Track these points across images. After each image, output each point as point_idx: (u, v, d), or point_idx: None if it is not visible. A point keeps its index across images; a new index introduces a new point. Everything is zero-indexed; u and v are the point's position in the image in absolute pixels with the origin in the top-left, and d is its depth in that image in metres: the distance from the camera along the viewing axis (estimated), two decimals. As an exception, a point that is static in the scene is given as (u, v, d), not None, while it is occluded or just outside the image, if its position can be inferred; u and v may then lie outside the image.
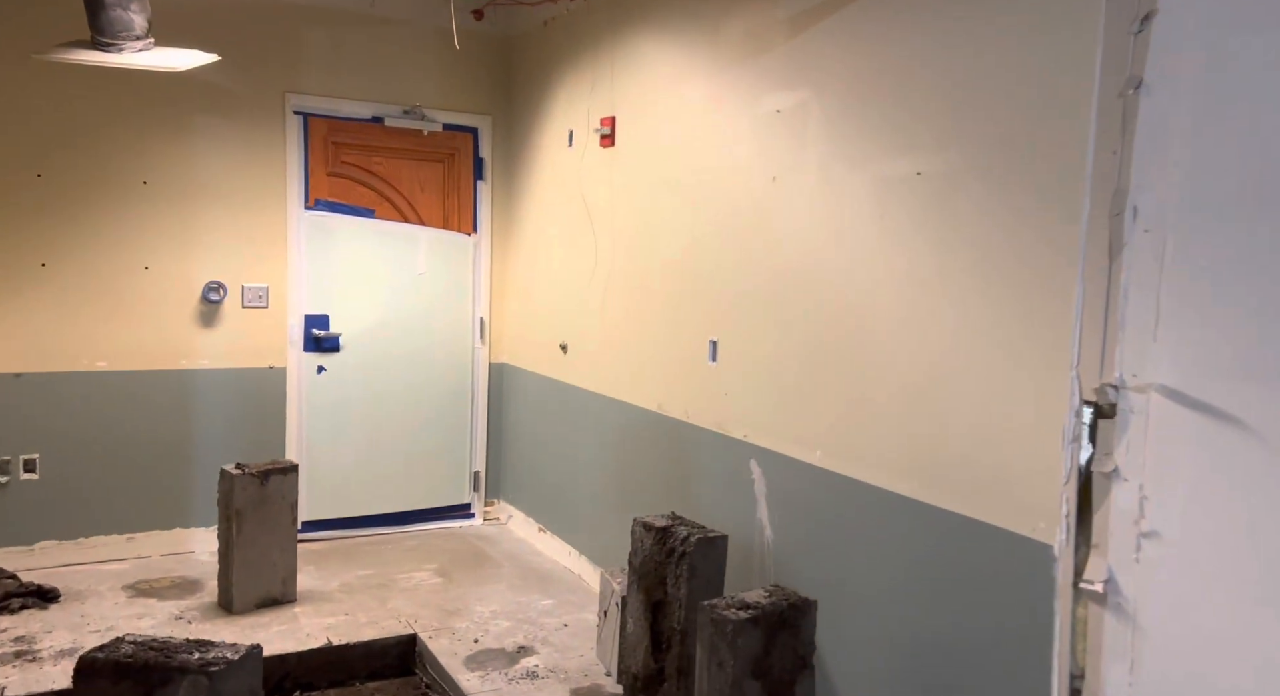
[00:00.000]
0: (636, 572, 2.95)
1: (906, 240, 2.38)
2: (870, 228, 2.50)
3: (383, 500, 4.76)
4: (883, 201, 2.46)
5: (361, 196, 4.66)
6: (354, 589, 3.97)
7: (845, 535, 2.58)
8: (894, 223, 2.42)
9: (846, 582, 2.56)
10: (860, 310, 2.53)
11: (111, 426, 4.22)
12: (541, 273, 4.57)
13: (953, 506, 2.22)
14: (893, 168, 2.43)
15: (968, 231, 2.20)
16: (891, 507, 2.41)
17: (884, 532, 2.43)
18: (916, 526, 2.32)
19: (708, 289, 3.23)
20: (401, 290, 4.74)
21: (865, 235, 2.52)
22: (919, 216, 2.34)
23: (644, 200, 3.65)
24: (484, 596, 3.92)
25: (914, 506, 2.33)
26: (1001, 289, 2.11)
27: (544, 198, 4.55)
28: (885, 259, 2.45)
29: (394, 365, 4.74)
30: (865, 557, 2.49)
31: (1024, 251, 2.06)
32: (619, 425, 3.83)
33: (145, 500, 4.30)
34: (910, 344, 2.36)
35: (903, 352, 2.38)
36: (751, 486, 2.99)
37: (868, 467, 2.50)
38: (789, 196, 2.83)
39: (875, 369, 2.47)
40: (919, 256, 2.34)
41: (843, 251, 2.60)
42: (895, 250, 2.42)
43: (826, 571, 2.64)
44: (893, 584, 2.40)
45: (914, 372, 2.35)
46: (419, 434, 4.83)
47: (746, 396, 3.03)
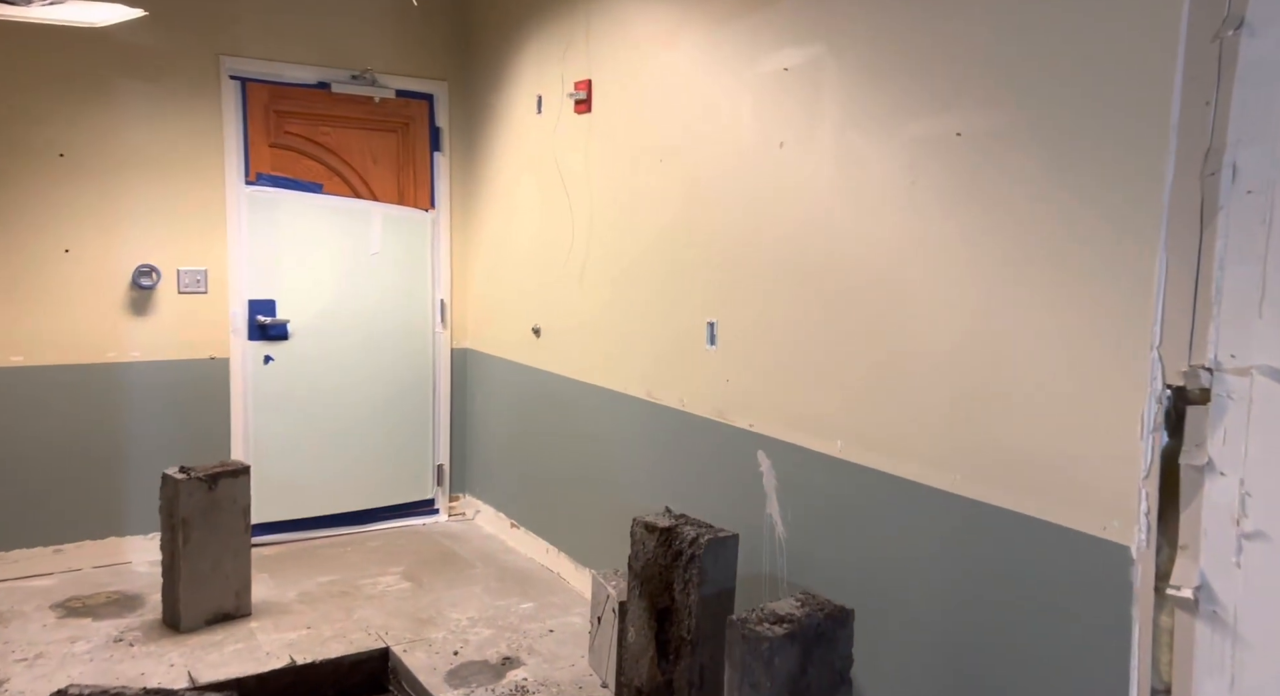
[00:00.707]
0: (638, 577, 2.70)
1: (944, 208, 2.16)
2: (899, 196, 2.27)
3: (340, 498, 4.43)
4: (914, 166, 2.23)
5: (308, 170, 4.28)
6: (315, 598, 3.65)
7: (875, 534, 2.36)
8: (928, 190, 2.19)
9: (878, 586, 2.35)
10: (889, 287, 2.31)
11: (31, 427, 3.80)
12: (509, 251, 4.26)
13: (1006, 502, 2.02)
14: (926, 128, 2.19)
15: (1020, 197, 1.98)
16: (931, 504, 2.19)
17: (923, 531, 2.22)
18: (962, 524, 2.12)
19: (704, 267, 2.97)
20: (354, 272, 4.38)
21: (893, 204, 2.29)
22: (959, 182, 2.12)
23: (627, 171, 3.37)
24: (459, 601, 3.63)
25: (959, 502, 2.12)
26: (1063, 261, 1.90)
27: (510, 170, 4.22)
28: (919, 230, 2.22)
29: (348, 353, 4.39)
30: (901, 559, 2.28)
31: (1091, 219, 1.84)
32: (601, 414, 3.57)
33: (73, 507, 3.90)
34: (952, 324, 2.14)
35: (943, 333, 2.16)
36: (759, 479, 2.76)
37: (900, 460, 2.28)
38: (800, 164, 2.58)
39: (909, 352, 2.25)
40: (960, 226, 2.12)
41: (866, 223, 2.37)
42: (930, 220, 2.19)
43: (853, 573, 2.43)
44: (934, 588, 2.19)
45: (957, 355, 2.13)
46: (377, 426, 4.49)
47: (752, 383, 2.79)
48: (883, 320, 2.33)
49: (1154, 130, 1.72)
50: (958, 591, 2.13)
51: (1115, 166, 1.79)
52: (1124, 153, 1.78)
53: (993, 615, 2.05)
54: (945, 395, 2.16)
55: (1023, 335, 1.98)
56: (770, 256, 2.70)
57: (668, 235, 3.15)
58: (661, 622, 2.63)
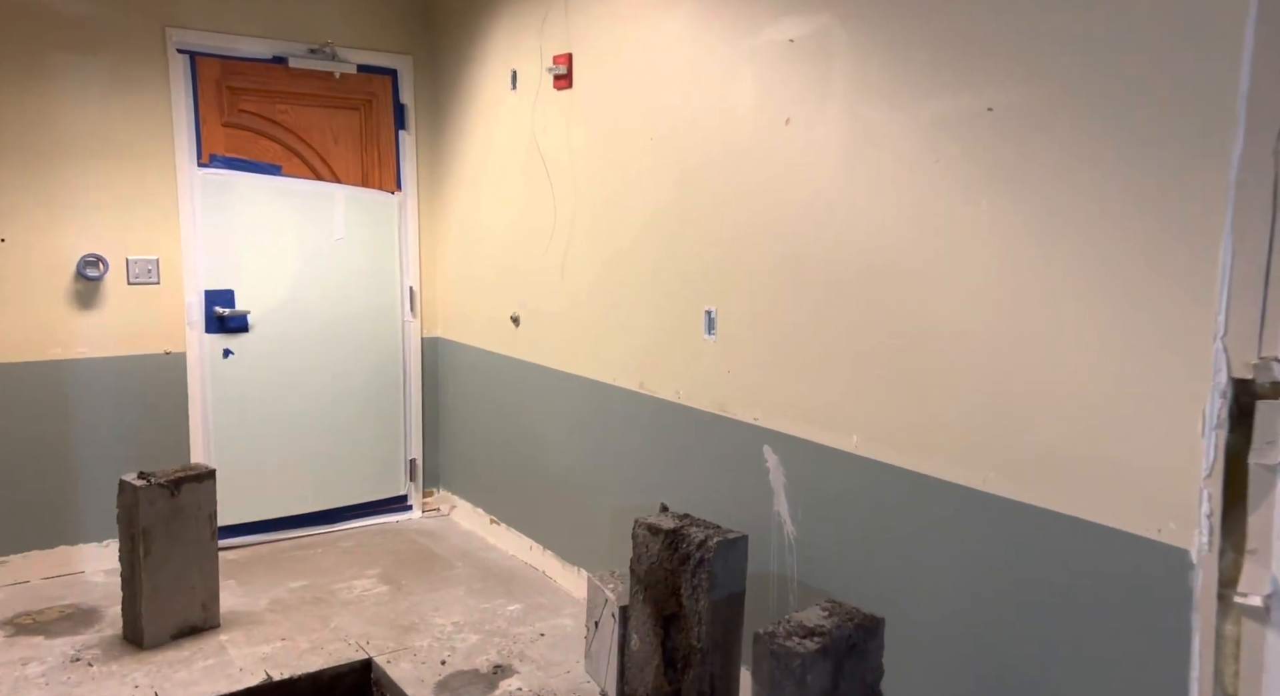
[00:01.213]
0: (642, 582, 2.56)
1: (972, 190, 2.02)
2: (921, 176, 2.13)
3: (308, 497, 4.21)
4: (938, 144, 2.09)
5: (265, 151, 4.01)
6: (287, 606, 3.44)
7: (897, 534, 2.24)
8: (954, 169, 2.06)
9: (901, 590, 2.23)
10: (910, 273, 2.17)
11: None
12: (483, 235, 4.05)
13: (1045, 502, 1.90)
14: (952, 103, 2.05)
15: (1061, 176, 1.85)
16: (960, 503, 2.08)
17: (950, 532, 2.10)
18: (994, 525, 2.00)
19: (702, 252, 2.81)
20: (317, 258, 4.14)
21: (914, 185, 2.15)
22: (990, 160, 1.98)
23: (614, 151, 3.18)
24: (441, 605, 3.46)
25: (991, 502, 2.01)
26: (1111, 244, 1.78)
27: (482, 149, 4.01)
28: (943, 212, 2.09)
29: (312, 344, 4.15)
30: (926, 561, 2.17)
31: (1144, 199, 1.72)
32: (588, 406, 3.40)
33: (19, 515, 3.63)
34: (982, 312, 2.01)
35: (971, 322, 2.03)
36: (766, 476, 2.63)
37: (924, 456, 2.16)
38: (808, 142, 2.42)
39: (933, 342, 2.12)
40: (990, 208, 1.99)
41: (884, 205, 2.23)
42: (956, 202, 2.06)
43: (873, 575, 2.31)
44: (964, 592, 2.08)
45: (988, 345, 2.00)
46: (345, 420, 4.27)
47: (756, 374, 2.65)
48: (903, 308, 2.19)
49: (1219, 100, 1.59)
50: (991, 596, 2.02)
51: (1173, 141, 1.67)
52: (1183, 125, 1.65)
53: (1030, 622, 1.94)
54: (975, 387, 2.04)
55: (1065, 323, 1.86)
56: (776, 240, 2.55)
57: (660, 218, 2.98)
58: (668, 629, 2.49)
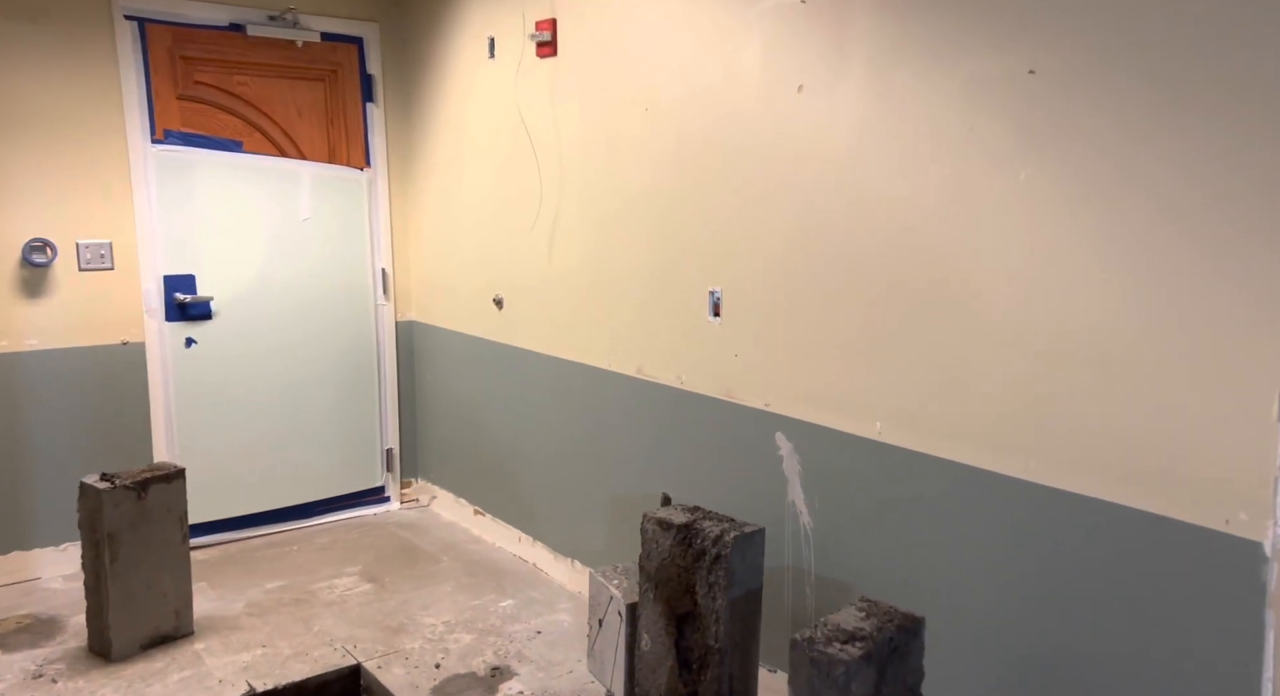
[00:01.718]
0: (652, 579, 2.42)
1: (1010, 159, 1.89)
2: (952, 144, 1.99)
3: (280, 492, 4.00)
4: (971, 110, 1.95)
5: (224, 125, 3.76)
6: (265, 608, 3.25)
7: (926, 525, 2.13)
8: (989, 138, 1.92)
9: (934, 586, 2.12)
10: (942, 250, 2.04)
11: (-87, 433, 3.26)
12: (461, 213, 3.85)
13: (1095, 491, 1.80)
14: (988, 66, 1.91)
15: (1116, 143, 1.72)
16: (998, 493, 1.97)
17: (988, 523, 1.99)
18: (1038, 516, 1.89)
19: (704, 231, 2.66)
20: (283, 240, 3.90)
21: (944, 155, 2.01)
22: (1031, 128, 1.85)
23: (604, 124, 3.00)
24: (429, 603, 3.30)
25: (1034, 492, 1.90)
26: (1169, 216, 1.66)
27: (459, 123, 3.79)
28: (978, 184, 1.95)
29: (280, 331, 3.93)
30: (962, 556, 2.06)
31: (1209, 165, 1.60)
32: (581, 393, 3.24)
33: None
34: (1021, 289, 1.89)
35: (1014, 300, 1.91)
36: (779, 464, 2.50)
37: (957, 443, 2.04)
38: (823, 111, 2.27)
39: (968, 322, 2.00)
40: (1032, 179, 1.86)
41: (910, 176, 2.09)
42: (993, 172, 1.92)
43: (900, 570, 2.20)
44: (1006, 589, 1.97)
45: (1029, 325, 1.88)
46: (317, 410, 4.06)
47: (767, 358, 2.51)
48: (932, 286, 2.06)
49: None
50: (1034, 592, 1.91)
51: (1251, 101, 1.55)
52: (1266, 83, 1.53)
53: (1080, 621, 1.84)
54: (1014, 369, 1.92)
55: (1118, 301, 1.74)
56: (787, 217, 2.40)
57: (657, 196, 2.81)
58: (681, 629, 2.36)
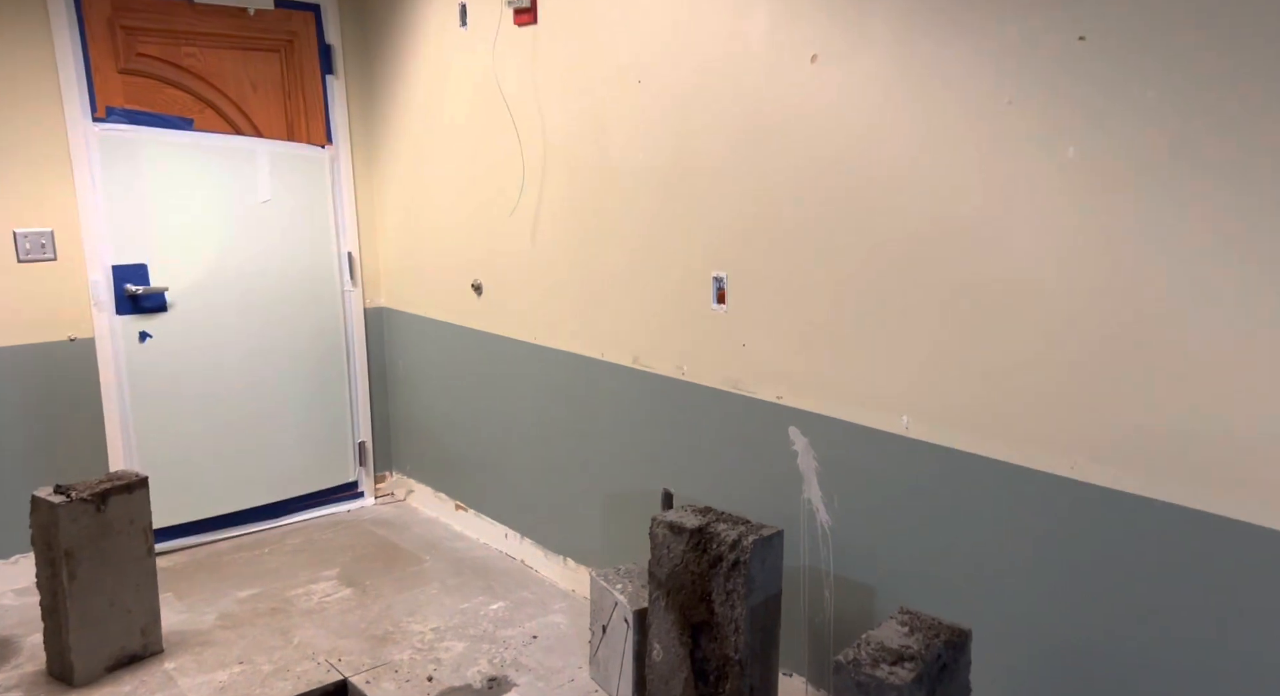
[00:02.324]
0: (663, 586, 2.28)
1: (1055, 135, 1.75)
2: (987, 118, 1.85)
3: (247, 492, 3.78)
4: (1010, 80, 1.81)
5: (173, 101, 3.48)
6: (239, 620, 3.06)
7: (960, 527, 2.01)
8: (1031, 110, 1.78)
9: (970, 592, 2.01)
10: (977, 230, 1.90)
11: None
12: (434, 193, 3.62)
13: (1153, 491, 1.69)
14: (1030, 30, 1.77)
15: (1173, 120, 1.59)
16: (1042, 492, 1.85)
17: (1031, 527, 1.88)
18: (1088, 518, 1.79)
19: (706, 212, 2.49)
20: (241, 224, 3.65)
21: (979, 129, 1.87)
22: (1079, 100, 1.71)
23: (592, 97, 2.81)
24: (415, 608, 3.13)
25: (1083, 491, 1.79)
26: (1237, 197, 1.53)
27: (428, 97, 3.56)
28: (1017, 158, 1.82)
29: (241, 321, 3.69)
30: (1000, 560, 1.94)
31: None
32: (571, 384, 3.07)
33: (-90, 536, 3.13)
34: (1067, 272, 1.76)
35: (1058, 286, 1.78)
36: (793, 460, 2.37)
37: (993, 439, 1.92)
38: (840, 82, 2.11)
39: (1008, 306, 1.87)
40: (1080, 156, 1.72)
41: (939, 152, 1.94)
42: (1033, 147, 1.79)
43: (930, 574, 2.09)
44: (1052, 597, 1.86)
45: (1080, 310, 1.76)
46: (284, 403, 3.84)
47: (778, 347, 2.37)
48: (966, 270, 1.93)
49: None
50: (1084, 600, 1.81)
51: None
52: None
53: (1139, 630, 1.74)
54: (1060, 361, 1.80)
55: (1176, 288, 1.62)
56: (800, 196, 2.24)
57: (652, 174, 2.64)
58: (696, 638, 2.23)
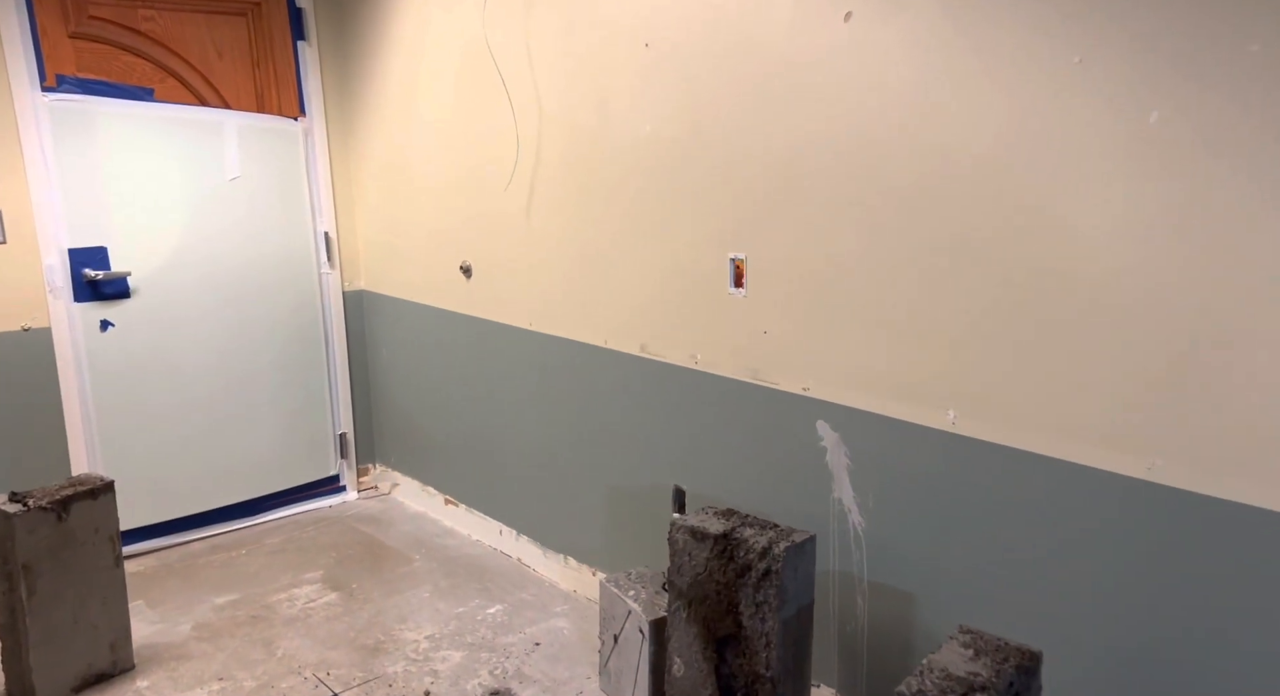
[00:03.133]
0: (685, 596, 2.10)
1: (1136, 98, 1.57)
2: (1052, 78, 1.66)
3: (221, 489, 3.55)
4: (1081, 36, 1.62)
5: (130, 70, 3.20)
6: (217, 630, 2.85)
7: (1016, 534, 1.85)
8: (1105, 70, 1.59)
9: (1029, 605, 1.85)
10: (1040, 206, 1.72)
11: None
12: (419, 167, 3.38)
13: (1251, 497, 1.53)
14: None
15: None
16: (1115, 496, 1.69)
17: (1102, 534, 1.72)
18: (1171, 526, 1.62)
19: (723, 187, 2.29)
20: (208, 203, 3.39)
21: (1042, 91, 1.68)
22: (1169, 57, 1.52)
23: (595, 60, 2.58)
24: (407, 613, 2.93)
25: (1164, 496, 1.62)
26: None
27: (411, 60, 3.31)
28: (1089, 128, 1.63)
29: (211, 307, 3.44)
30: (1065, 569, 1.78)
31: None
32: (571, 372, 2.87)
33: None
34: (1154, 256, 1.58)
35: (1139, 269, 1.60)
36: (821, 456, 2.19)
37: (1058, 437, 1.75)
38: (878, 42, 1.91)
39: (1076, 296, 1.69)
40: (1165, 122, 1.54)
41: (994, 117, 1.75)
42: (1110, 113, 1.60)
43: (982, 584, 1.92)
44: (1128, 613, 1.71)
45: (1162, 299, 1.58)
46: (258, 394, 3.60)
47: (804, 335, 2.18)
48: (1025, 250, 1.75)
49: None
50: (1167, 617, 1.65)
51: None
52: None
53: (1223, 645, 1.58)
54: (1138, 348, 1.62)
55: (1274, 270, 1.45)
56: (830, 169, 2.05)
57: (662, 145, 2.42)
58: (722, 653, 2.06)
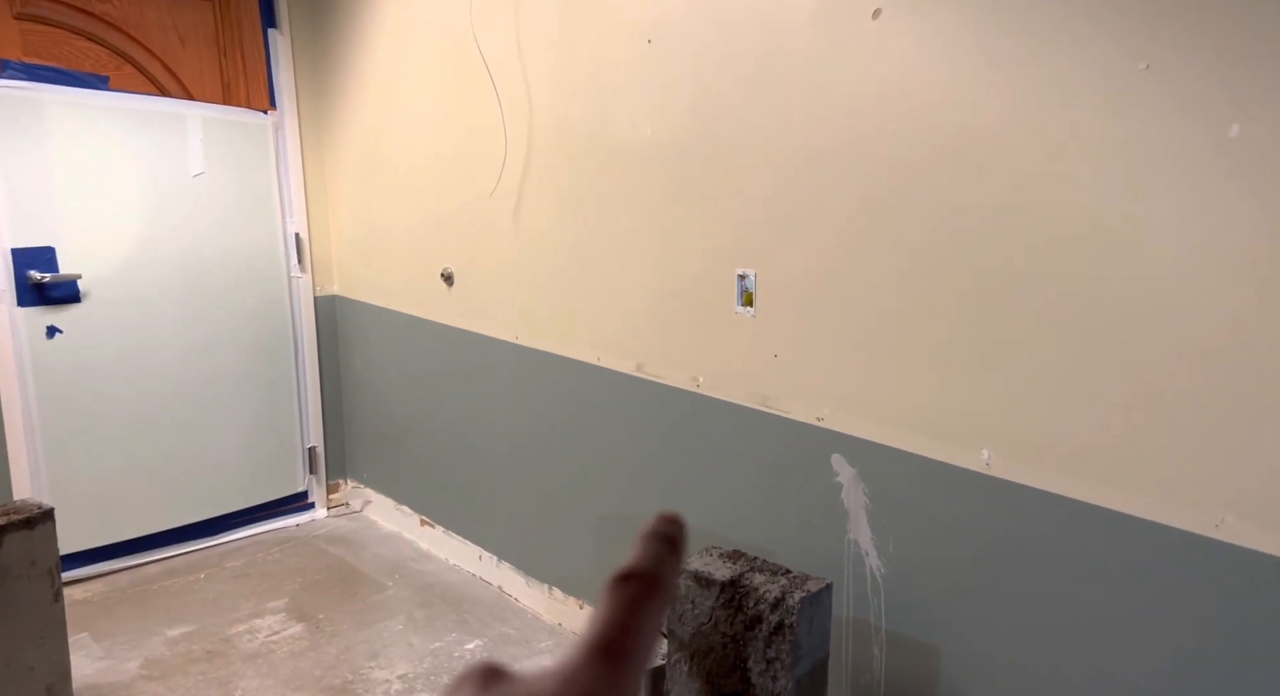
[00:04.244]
0: (686, 648, 1.91)
1: (1214, 109, 1.39)
2: (1117, 87, 1.48)
3: (179, 507, 3.31)
4: (1150, 40, 1.44)
5: (83, 55, 2.95)
6: (169, 667, 2.62)
7: (1063, 591, 1.67)
8: (1180, 79, 1.42)
9: (1078, 672, 1.67)
10: (1099, 228, 1.54)
11: None
12: (398, 166, 3.16)
13: (1328, 562, 1.36)
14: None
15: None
16: (1176, 553, 1.51)
17: (1163, 595, 1.54)
18: (1242, 587, 1.45)
19: (731, 197, 2.10)
20: (169, 201, 3.15)
21: (1103, 101, 1.50)
22: (1252, 63, 1.35)
23: (592, 58, 2.38)
24: (378, 648, 2.72)
25: (1234, 556, 1.45)
26: None
27: (391, 53, 3.09)
28: (1159, 143, 1.45)
29: (170, 313, 3.20)
30: (1118, 634, 1.61)
31: None
32: (561, 390, 2.67)
33: None
34: (1234, 286, 1.41)
35: (1213, 299, 1.43)
36: (836, 493, 2.00)
37: (1110, 485, 1.58)
38: (912, 42, 1.73)
39: (1137, 328, 1.51)
40: (1247, 136, 1.36)
41: (1047, 132, 1.57)
42: (1179, 126, 1.42)
43: (1020, 640, 1.74)
44: (1195, 682, 1.53)
45: (1244, 335, 1.41)
46: (222, 405, 3.37)
47: (819, 360, 1.99)
48: (1079, 274, 1.57)
49: None
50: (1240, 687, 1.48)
51: None
52: None
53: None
54: (1205, 391, 1.45)
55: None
56: (854, 181, 1.86)
57: (664, 151, 2.23)
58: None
